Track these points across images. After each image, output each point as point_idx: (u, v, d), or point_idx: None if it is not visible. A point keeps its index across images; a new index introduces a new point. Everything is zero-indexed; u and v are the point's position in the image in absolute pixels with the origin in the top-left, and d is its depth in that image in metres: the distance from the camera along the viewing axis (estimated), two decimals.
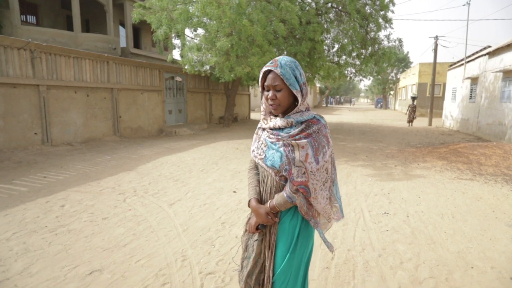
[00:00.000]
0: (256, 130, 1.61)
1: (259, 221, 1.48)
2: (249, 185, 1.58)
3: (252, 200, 1.51)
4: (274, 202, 1.45)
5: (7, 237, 3.24)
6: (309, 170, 1.35)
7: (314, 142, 1.37)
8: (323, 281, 2.54)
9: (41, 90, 7.35)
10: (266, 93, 1.43)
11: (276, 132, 1.44)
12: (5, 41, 6.59)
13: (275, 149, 1.41)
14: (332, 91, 55.19)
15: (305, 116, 1.41)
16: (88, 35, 13.39)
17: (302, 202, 1.42)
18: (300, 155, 1.35)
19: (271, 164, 1.41)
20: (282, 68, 1.36)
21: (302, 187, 1.37)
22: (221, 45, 7.10)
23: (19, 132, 7.01)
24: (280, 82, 1.37)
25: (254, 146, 1.57)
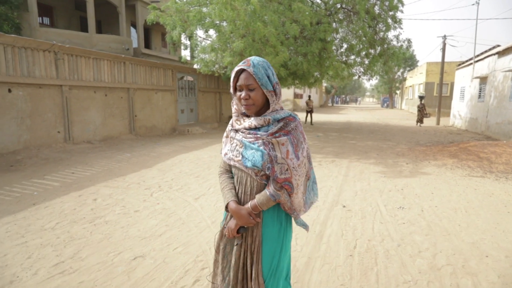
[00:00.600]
0: (225, 133, 1.59)
1: (240, 223, 1.43)
2: (224, 189, 1.54)
3: (231, 202, 1.47)
4: (256, 202, 1.42)
5: (52, 226, 3.51)
6: (291, 166, 1.37)
7: (293, 138, 1.39)
8: (348, 267, 2.76)
9: (64, 90, 7.65)
10: (239, 93, 1.41)
11: (253, 131, 1.42)
12: (32, 44, 6.89)
13: (255, 148, 1.39)
14: (338, 90, 55.14)
15: (282, 114, 1.42)
16: (102, 36, 13.71)
17: (286, 199, 1.42)
18: (282, 152, 1.36)
19: (252, 164, 1.39)
20: (255, 68, 1.36)
21: (287, 184, 1.38)
22: (236, 46, 7.33)
23: (44, 131, 7.32)
24: (253, 81, 1.36)
25: (226, 149, 1.54)
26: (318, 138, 11.34)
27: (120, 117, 9.55)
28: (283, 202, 1.43)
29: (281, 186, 1.38)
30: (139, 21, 16.22)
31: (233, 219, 1.47)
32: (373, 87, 52.79)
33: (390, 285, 2.48)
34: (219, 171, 1.64)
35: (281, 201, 1.42)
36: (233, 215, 1.46)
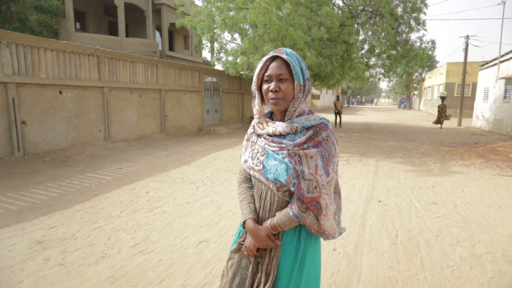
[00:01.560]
0: (246, 136, 1.41)
1: (258, 245, 1.27)
2: (242, 202, 1.36)
3: (249, 221, 1.29)
4: (276, 221, 1.24)
5: (117, 214, 3.92)
6: (321, 183, 1.17)
7: (324, 151, 1.18)
8: (394, 253, 3.03)
9: (105, 91, 8.17)
10: (267, 85, 1.21)
11: (278, 139, 1.22)
12: (79, 49, 7.43)
13: (279, 159, 1.20)
14: (354, 91, 54.82)
15: (312, 121, 1.21)
16: (131, 40, 14.33)
17: (313, 221, 1.23)
18: (310, 167, 1.16)
19: (274, 178, 1.20)
20: (289, 56, 1.19)
21: (313, 204, 1.18)
22: (267, 50, 7.67)
23: (87, 130, 7.85)
24: (286, 71, 1.18)
25: (246, 155, 1.36)
26: (341, 138, 11.54)
27: (153, 117, 10.05)
28: (309, 225, 1.24)
29: (307, 206, 1.19)
30: (164, 25, 16.81)
31: (250, 237, 1.30)
32: (390, 88, 52.18)
33: (435, 268, 2.75)
34: (238, 179, 1.46)
35: (306, 224, 1.23)
36: (250, 235, 1.29)
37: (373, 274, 2.65)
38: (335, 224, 1.32)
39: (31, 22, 11.99)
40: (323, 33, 8.08)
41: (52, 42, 6.87)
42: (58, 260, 2.80)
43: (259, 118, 1.31)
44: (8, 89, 6.12)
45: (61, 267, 2.70)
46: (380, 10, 10.56)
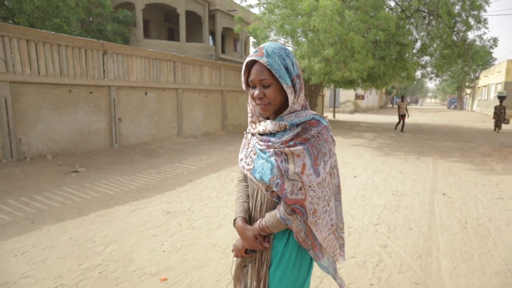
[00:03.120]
0: (245, 135, 1.35)
1: (245, 246, 1.23)
2: (237, 200, 1.32)
3: (238, 219, 1.25)
4: (264, 222, 1.17)
5: (215, 195, 4.72)
6: (307, 184, 1.07)
7: (312, 148, 1.09)
8: (466, 235, 3.47)
9: (179, 92, 9.23)
10: (252, 90, 1.15)
11: (267, 137, 1.17)
12: (160, 55, 8.52)
13: (265, 158, 1.14)
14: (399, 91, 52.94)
15: (302, 117, 1.14)
16: (191, 45, 15.55)
17: (300, 227, 1.13)
18: (296, 166, 1.08)
19: (259, 177, 1.14)
20: (269, 58, 1.08)
21: (298, 207, 1.08)
22: (327, 53, 8.21)
23: (165, 126, 8.95)
24: (268, 75, 1.09)
25: (242, 153, 1.31)
26: (392, 138, 11.70)
27: (216, 115, 11.02)
28: (295, 231, 1.14)
29: (293, 209, 1.10)
30: (218, 29, 17.91)
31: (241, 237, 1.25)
32: (438, 88, 49.65)
33: (508, 249, 3.16)
34: (238, 178, 1.41)
35: (293, 228, 1.14)
36: (238, 234, 1.25)
37: (449, 248, 3.14)
38: (334, 241, 1.18)
39: (107, 31, 13.59)
40: (381, 36, 8.43)
41: (142, 51, 8.00)
42: (188, 225, 3.62)
43: (252, 117, 1.26)
44: (110, 91, 7.29)
45: (193, 230, 3.51)
46: (436, 10, 10.57)
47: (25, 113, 5.93)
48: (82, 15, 11.66)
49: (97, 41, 6.98)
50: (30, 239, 3.15)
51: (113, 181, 5.24)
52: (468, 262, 2.85)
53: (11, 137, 5.70)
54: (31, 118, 6.02)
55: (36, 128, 6.11)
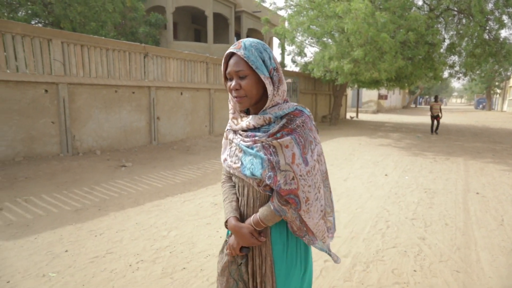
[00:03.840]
0: (225, 135, 1.34)
1: (242, 243, 1.22)
2: (225, 201, 1.31)
3: (231, 219, 1.24)
4: (259, 217, 1.18)
5: None
6: (298, 174, 1.09)
7: (299, 138, 1.11)
8: (503, 231, 3.61)
9: (211, 92, 9.64)
10: (229, 83, 1.17)
11: (252, 133, 1.18)
12: (194, 57, 8.96)
13: (253, 153, 1.14)
14: (423, 91, 51.67)
15: (285, 109, 1.16)
16: (218, 46, 16.01)
17: (294, 215, 1.15)
18: (286, 157, 1.10)
19: (250, 173, 1.15)
20: (246, 50, 1.11)
21: (292, 197, 1.10)
22: (357, 54, 8.37)
23: (198, 125, 9.38)
24: (245, 67, 1.11)
25: (225, 154, 1.31)
26: (419, 139, 11.67)
27: None
28: (290, 221, 1.17)
29: (286, 200, 1.12)
30: (243, 30, 18.29)
31: (234, 236, 1.26)
32: (465, 87, 48.06)
33: None
34: (222, 179, 1.41)
35: (287, 219, 1.17)
36: (233, 233, 1.25)
37: (487, 242, 3.31)
38: (323, 225, 1.23)
39: (139, 34, 14.24)
40: (411, 36, 8.50)
41: (178, 53, 8.45)
42: None
43: (234, 113, 1.26)
44: (150, 91, 7.78)
45: None
46: (468, 8, 10.43)
47: (79, 112, 6.48)
48: (118, 19, 12.31)
49: (139, 45, 7.47)
50: (102, 223, 3.58)
51: (159, 175, 5.67)
52: (507, 256, 3.02)
53: (67, 134, 6.25)
54: (83, 117, 6.56)
55: (87, 125, 6.65)
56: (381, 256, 2.98)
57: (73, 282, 2.42)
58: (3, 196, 4.21)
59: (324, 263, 2.81)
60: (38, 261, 2.72)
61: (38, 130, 5.91)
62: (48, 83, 5.94)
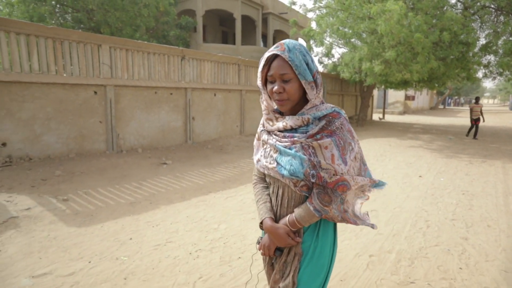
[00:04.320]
0: (256, 135, 1.38)
1: (278, 244, 1.25)
2: (258, 202, 1.34)
3: (266, 220, 1.26)
4: (295, 216, 1.20)
5: None
6: (339, 171, 1.14)
7: (339, 140, 1.14)
8: None
9: (242, 93, 9.92)
10: (270, 85, 1.17)
11: (289, 133, 1.19)
12: (227, 59, 9.26)
13: (292, 154, 1.16)
14: (453, 91, 49.80)
15: (323, 110, 1.17)
16: (246, 47, 16.30)
17: (336, 214, 1.20)
18: (325, 158, 1.13)
19: (289, 173, 1.16)
20: (291, 53, 1.12)
21: (341, 184, 1.14)
22: (389, 56, 8.36)
23: (229, 125, 9.68)
24: (289, 70, 1.12)
25: (258, 155, 1.33)
26: (451, 141, 11.41)
27: None
28: (332, 218, 1.22)
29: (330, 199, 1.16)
30: (270, 32, 18.49)
31: (267, 236, 1.29)
32: (499, 87, 45.91)
33: None
34: (253, 180, 1.43)
35: (328, 217, 1.21)
36: (268, 234, 1.27)
37: None
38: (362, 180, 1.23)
39: (170, 37, 14.76)
40: (446, 37, 8.38)
41: (212, 55, 8.78)
42: None
43: (268, 114, 1.27)
44: (187, 93, 8.15)
45: None
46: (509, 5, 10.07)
47: (123, 112, 6.91)
48: (152, 23, 12.86)
49: (178, 48, 7.84)
50: (156, 216, 3.89)
51: (199, 173, 5.97)
52: None
53: (113, 133, 6.69)
54: (126, 117, 6.99)
55: (130, 125, 7.08)
56: (424, 253, 3.08)
57: (143, 266, 2.71)
58: (66, 188, 4.63)
59: (369, 258, 2.95)
60: (109, 246, 3.04)
61: (88, 129, 6.37)
62: (97, 85, 6.39)
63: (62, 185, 4.74)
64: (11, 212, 3.64)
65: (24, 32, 5.30)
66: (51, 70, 5.75)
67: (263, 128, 1.32)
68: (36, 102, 5.61)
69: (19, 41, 5.30)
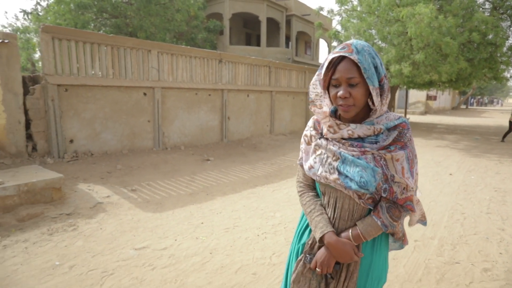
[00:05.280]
0: (305, 139, 1.30)
1: (341, 260, 1.18)
2: (312, 213, 1.25)
3: (330, 234, 1.18)
4: (360, 230, 1.16)
5: None
6: (410, 186, 1.12)
7: (409, 153, 1.12)
8: None
9: (273, 94, 10.37)
10: (335, 90, 1.10)
11: (358, 142, 1.13)
12: (259, 62, 9.74)
13: (363, 165, 1.10)
14: (476, 91, 48.59)
15: (394, 120, 1.13)
16: (270, 49, 16.74)
17: (401, 229, 1.22)
18: (396, 171, 1.11)
19: (359, 186, 1.10)
20: (360, 54, 1.05)
21: (408, 204, 1.14)
22: (418, 58, 8.61)
23: (260, 124, 10.16)
24: (357, 74, 1.05)
25: (310, 161, 1.24)
26: (478, 141, 11.48)
27: (300, 115, 11.99)
28: (397, 232, 1.22)
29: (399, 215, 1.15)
30: (293, 33, 18.86)
31: (325, 251, 1.20)
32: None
33: None
34: (299, 188, 1.36)
35: (393, 231, 1.20)
36: (331, 249, 1.18)
37: None
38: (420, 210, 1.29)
39: (198, 39, 15.37)
40: (475, 38, 8.55)
41: (246, 58, 9.27)
42: None
43: (329, 120, 1.17)
44: (223, 94, 8.67)
45: None
46: None
47: (168, 112, 7.49)
48: (184, 27, 13.49)
49: (216, 52, 8.37)
50: (215, 205, 4.38)
51: (241, 169, 6.46)
52: None
53: (159, 131, 7.28)
54: (171, 116, 7.57)
55: (174, 124, 7.65)
56: (464, 240, 3.44)
57: (222, 244, 3.20)
58: (130, 180, 5.21)
59: (414, 242, 3.34)
60: (186, 229, 3.55)
61: (139, 127, 6.98)
62: (147, 88, 6.98)
63: (125, 178, 5.32)
64: (96, 199, 4.22)
65: (90, 41, 5.93)
66: (109, 74, 6.37)
67: (314, 132, 1.26)
68: (97, 103, 6.23)
69: (85, 48, 5.93)
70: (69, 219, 3.61)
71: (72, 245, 3.05)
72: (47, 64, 5.47)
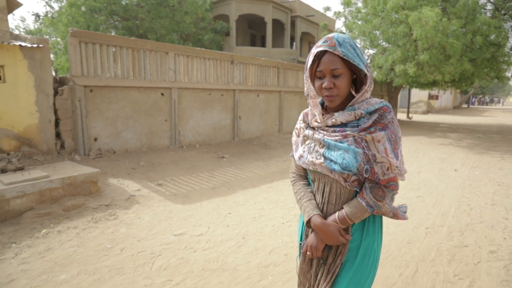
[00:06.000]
0: (296, 132, 1.38)
1: (328, 243, 1.21)
2: (301, 200, 1.31)
3: (315, 217, 1.23)
4: (345, 213, 1.19)
5: None
6: (394, 165, 1.14)
7: (391, 134, 1.15)
8: None
9: (281, 94, 10.69)
10: (319, 81, 1.16)
11: (340, 128, 1.19)
12: (268, 63, 10.05)
13: (344, 147, 1.14)
14: (478, 90, 48.81)
15: (375, 104, 1.17)
16: (276, 50, 17.06)
17: (389, 209, 1.21)
18: (379, 151, 1.13)
19: (341, 168, 1.14)
20: (342, 47, 1.10)
21: (392, 184, 1.17)
22: (423, 59, 8.92)
23: (269, 124, 10.47)
24: (340, 65, 1.11)
25: (300, 151, 1.31)
26: (480, 139, 11.78)
27: None
28: (384, 213, 1.21)
29: (383, 194, 1.17)
30: (298, 34, 19.17)
31: (315, 235, 1.25)
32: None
33: None
34: (291, 178, 1.43)
35: (380, 212, 1.20)
36: (317, 232, 1.23)
37: None
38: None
39: (204, 40, 15.68)
40: (479, 40, 8.85)
41: (256, 59, 9.59)
42: None
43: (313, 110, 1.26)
44: (235, 94, 8.99)
45: None
46: None
47: (183, 112, 7.81)
48: (193, 29, 13.82)
49: (228, 53, 8.69)
50: (238, 198, 4.70)
51: (255, 166, 6.77)
52: None
53: (175, 130, 7.60)
54: (186, 116, 7.89)
55: (189, 123, 7.98)
56: (471, 227, 3.75)
57: (252, 230, 3.52)
58: (154, 176, 5.53)
59: (426, 229, 3.65)
60: (215, 218, 3.87)
61: (156, 126, 7.30)
62: (164, 88, 7.31)
63: (150, 173, 5.65)
64: (129, 192, 4.54)
65: (113, 44, 6.25)
66: (130, 75, 6.69)
67: (303, 125, 1.33)
68: (119, 103, 6.56)
69: (108, 51, 6.26)
70: (108, 210, 3.94)
71: (117, 232, 3.38)
72: (75, 67, 5.80)
